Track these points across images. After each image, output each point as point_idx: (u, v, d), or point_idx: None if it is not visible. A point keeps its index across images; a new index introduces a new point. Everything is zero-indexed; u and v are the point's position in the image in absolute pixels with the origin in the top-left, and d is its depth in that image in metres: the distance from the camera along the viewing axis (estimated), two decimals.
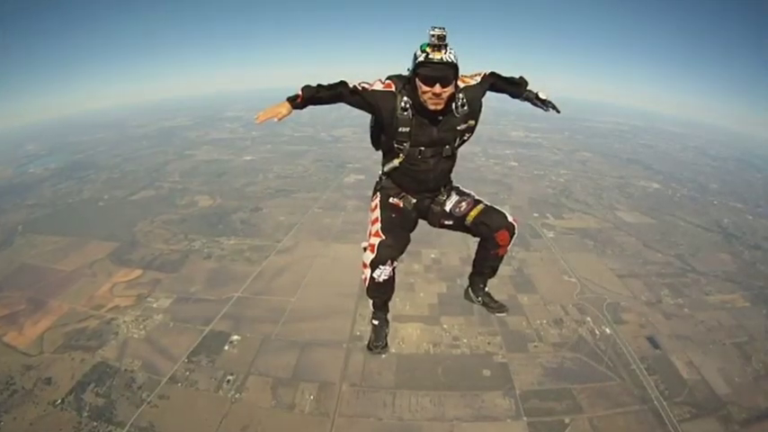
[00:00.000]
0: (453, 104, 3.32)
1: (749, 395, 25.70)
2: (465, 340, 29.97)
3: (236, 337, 30.23)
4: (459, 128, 3.44)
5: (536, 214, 54.79)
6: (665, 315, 33.77)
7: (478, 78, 3.54)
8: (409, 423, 23.87)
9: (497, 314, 4.24)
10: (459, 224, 3.77)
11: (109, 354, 28.61)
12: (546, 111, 3.80)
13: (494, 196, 57.46)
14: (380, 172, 3.87)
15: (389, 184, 3.82)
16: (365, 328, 29.24)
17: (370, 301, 3.92)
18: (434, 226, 3.95)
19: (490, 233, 3.61)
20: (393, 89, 3.33)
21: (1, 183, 73.85)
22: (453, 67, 3.08)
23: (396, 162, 3.60)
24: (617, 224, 53.15)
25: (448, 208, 3.78)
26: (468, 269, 4.21)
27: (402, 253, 3.62)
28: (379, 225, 3.60)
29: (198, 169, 76.38)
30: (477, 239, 3.83)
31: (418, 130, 3.37)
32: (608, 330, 31.42)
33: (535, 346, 29.65)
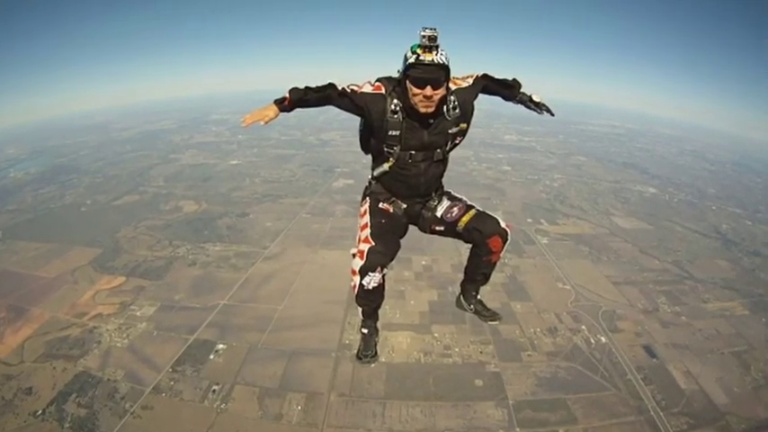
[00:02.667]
0: (445, 107, 3.27)
1: (748, 405, 25.54)
2: (457, 349, 29.76)
3: (221, 346, 29.67)
4: (450, 131, 3.39)
5: (529, 220, 54.76)
6: (661, 323, 33.63)
7: (470, 80, 3.50)
8: None
9: (490, 322, 4.18)
10: (451, 230, 3.70)
11: (91, 363, 27.91)
12: (540, 114, 3.78)
13: (486, 201, 57.92)
14: (370, 176, 3.80)
15: (379, 188, 3.75)
16: (354, 337, 28.97)
17: (360, 309, 3.81)
18: (425, 232, 3.88)
19: (482, 239, 3.54)
20: (383, 91, 3.27)
21: None
22: (445, 68, 3.02)
23: (386, 166, 3.53)
24: (613, 230, 53.19)
25: (439, 213, 3.72)
26: (460, 276, 4.14)
27: (392, 260, 3.52)
28: (368, 231, 3.51)
29: (183, 174, 75.40)
30: (469, 246, 3.75)
31: (408, 134, 3.31)
32: (603, 339, 31.32)
33: (529, 355, 29.47)
